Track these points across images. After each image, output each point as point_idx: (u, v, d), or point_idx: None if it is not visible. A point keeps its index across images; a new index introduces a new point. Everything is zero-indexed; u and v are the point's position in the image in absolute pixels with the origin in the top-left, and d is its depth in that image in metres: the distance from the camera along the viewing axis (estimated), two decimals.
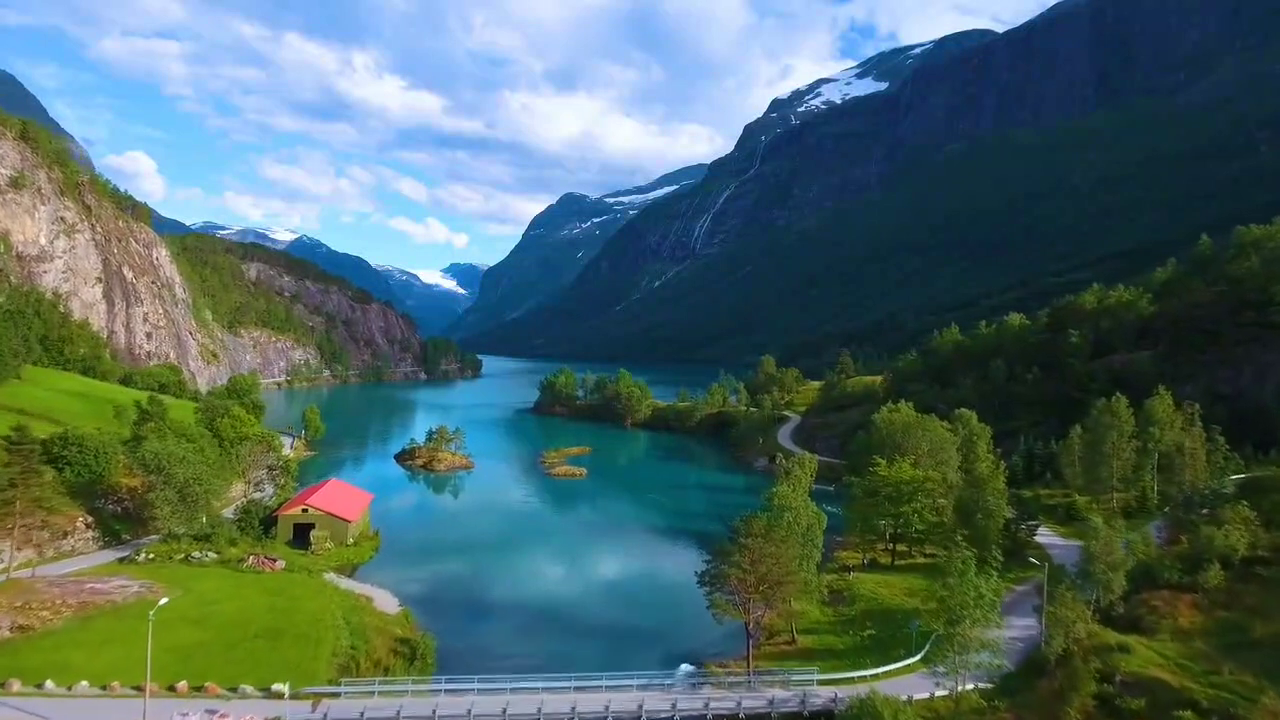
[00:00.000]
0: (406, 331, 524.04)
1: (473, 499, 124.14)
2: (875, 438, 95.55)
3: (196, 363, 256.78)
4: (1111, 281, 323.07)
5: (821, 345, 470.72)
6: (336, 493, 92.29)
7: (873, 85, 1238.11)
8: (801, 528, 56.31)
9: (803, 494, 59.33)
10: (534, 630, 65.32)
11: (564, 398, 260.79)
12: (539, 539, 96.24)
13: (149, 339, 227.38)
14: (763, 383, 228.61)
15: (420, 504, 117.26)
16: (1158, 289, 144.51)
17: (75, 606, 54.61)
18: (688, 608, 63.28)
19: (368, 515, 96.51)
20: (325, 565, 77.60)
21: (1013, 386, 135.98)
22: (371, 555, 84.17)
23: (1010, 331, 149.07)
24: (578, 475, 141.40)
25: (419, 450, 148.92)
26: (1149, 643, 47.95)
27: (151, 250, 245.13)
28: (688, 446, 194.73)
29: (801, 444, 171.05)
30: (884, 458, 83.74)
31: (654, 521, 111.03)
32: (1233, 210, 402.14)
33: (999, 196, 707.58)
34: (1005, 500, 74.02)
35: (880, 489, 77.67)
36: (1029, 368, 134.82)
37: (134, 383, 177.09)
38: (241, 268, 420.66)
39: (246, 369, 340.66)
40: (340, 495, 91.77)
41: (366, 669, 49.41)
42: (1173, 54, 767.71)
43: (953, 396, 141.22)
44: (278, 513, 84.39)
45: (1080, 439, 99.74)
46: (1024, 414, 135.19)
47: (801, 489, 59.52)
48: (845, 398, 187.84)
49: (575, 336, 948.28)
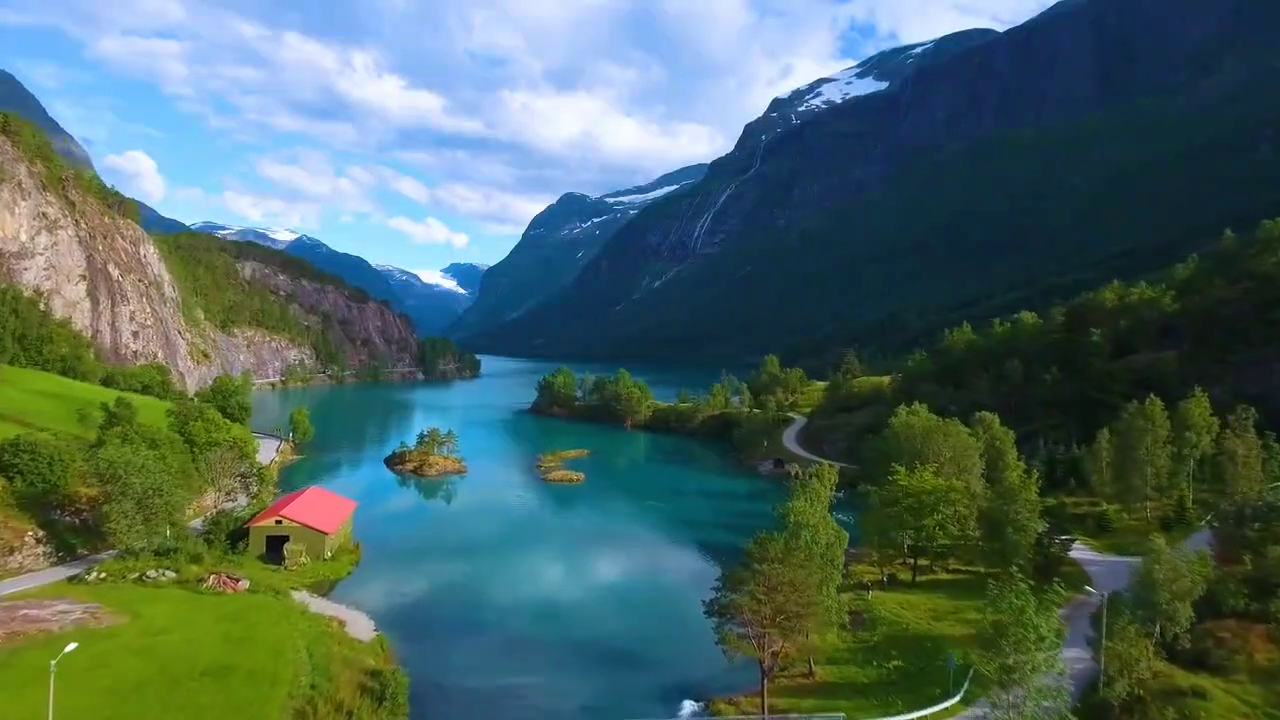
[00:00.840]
0: (404, 331, 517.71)
1: (463, 507, 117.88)
2: (892, 443, 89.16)
3: (186, 363, 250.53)
4: (1117, 280, 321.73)
5: (823, 345, 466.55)
6: (315, 502, 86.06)
7: (873, 85, 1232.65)
8: (821, 547, 50.10)
9: (822, 509, 52.97)
10: (522, 657, 59.11)
11: (562, 398, 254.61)
12: (530, 553, 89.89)
13: (136, 338, 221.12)
14: (766, 383, 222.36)
15: (407, 512, 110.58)
16: (1179, 286, 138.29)
17: (1, 637, 48.42)
18: (691, 630, 57.08)
19: (350, 525, 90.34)
20: (298, 582, 71.44)
21: (1030, 388, 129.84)
22: (350, 571, 77.85)
23: (1026, 330, 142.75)
24: (575, 480, 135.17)
25: (409, 454, 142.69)
26: (1225, 684, 41.84)
27: (139, 247, 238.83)
28: (689, 449, 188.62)
29: (807, 447, 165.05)
30: (903, 465, 77.59)
31: (654, 532, 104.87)
32: (1236, 209, 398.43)
33: (1000, 196, 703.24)
34: (1038, 513, 67.79)
35: (900, 499, 71.48)
36: (1047, 368, 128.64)
37: (116, 383, 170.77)
38: (236, 266, 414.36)
39: (240, 369, 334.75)
40: (319, 505, 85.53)
41: (326, 713, 43.12)
42: (1175, 53, 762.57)
43: (966, 398, 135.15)
44: (249, 524, 78.17)
45: (1109, 443, 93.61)
46: (1042, 416, 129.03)
47: (821, 503, 53.13)
48: (852, 399, 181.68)
49: (575, 336, 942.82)
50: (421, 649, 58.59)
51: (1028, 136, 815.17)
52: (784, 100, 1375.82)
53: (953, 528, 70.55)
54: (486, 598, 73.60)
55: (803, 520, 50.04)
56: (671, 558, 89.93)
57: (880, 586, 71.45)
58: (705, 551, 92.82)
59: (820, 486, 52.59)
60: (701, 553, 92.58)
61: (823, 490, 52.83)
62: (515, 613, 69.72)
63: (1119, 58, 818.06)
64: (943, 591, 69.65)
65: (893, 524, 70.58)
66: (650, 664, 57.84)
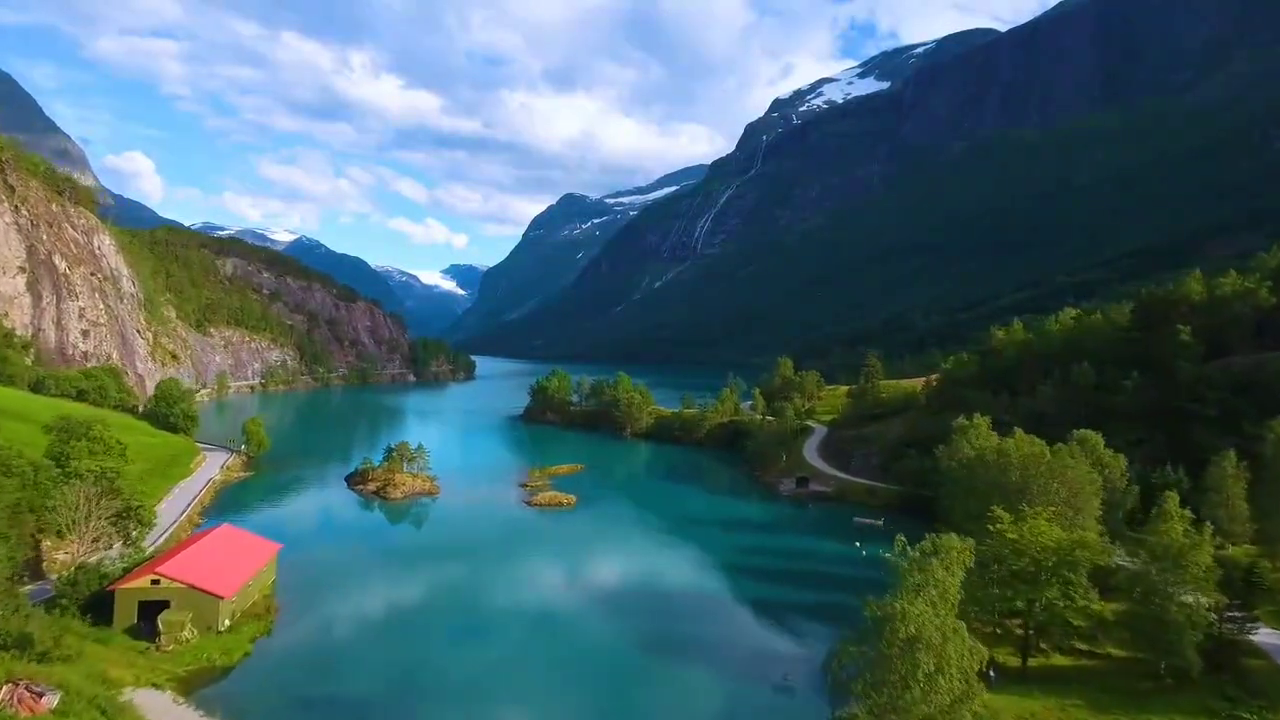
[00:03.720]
0: (395, 331, 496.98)
1: (425, 543, 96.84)
2: (978, 474, 68.50)
3: (147, 365, 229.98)
4: (1129, 281, 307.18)
5: (826, 346, 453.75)
6: (215, 550, 65.66)
7: (875, 85, 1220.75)
8: (953, 682, 30.00)
9: (950, 613, 31.94)
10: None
11: (556, 404, 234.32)
12: (498, 618, 68.02)
13: (85, 337, 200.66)
14: (780, 387, 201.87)
15: (354, 552, 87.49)
16: (1273, 275, 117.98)
17: None
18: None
19: (270, 575, 70.09)
20: (167, 673, 51.11)
21: (1102, 396, 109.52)
22: (248, 650, 57.06)
23: (1095, 328, 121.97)
24: (564, 504, 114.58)
25: (373, 472, 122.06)
26: None
27: (92, 238, 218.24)
28: (696, 462, 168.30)
29: (832, 461, 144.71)
30: (996, 504, 57.37)
31: (658, 581, 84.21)
32: (1247, 208, 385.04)
33: (1005, 196, 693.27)
34: (1214, 582, 47.64)
35: (1008, 558, 51.22)
36: (1126, 372, 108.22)
37: (46, 389, 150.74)
38: (217, 263, 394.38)
39: (215, 371, 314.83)
40: (220, 554, 65.11)
41: None
42: (1181, 51, 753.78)
43: (1024, 407, 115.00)
44: (116, 585, 57.87)
45: (1236, 469, 73.56)
46: (1119, 429, 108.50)
47: (948, 601, 31.97)
48: (880, 406, 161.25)
49: (575, 337, 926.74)
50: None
51: (1031, 136, 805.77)
52: (785, 100, 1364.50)
53: (1085, 600, 50.25)
54: (430, 692, 53.17)
55: (922, 634, 29.71)
56: (680, 623, 69.33)
57: (982, 676, 51.07)
58: (733, 617, 72.72)
59: (945, 574, 32.04)
60: (728, 618, 72.40)
61: (951, 580, 32.16)
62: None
63: (1123, 56, 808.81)
64: (1073, 690, 49.20)
65: (999, 595, 50.28)
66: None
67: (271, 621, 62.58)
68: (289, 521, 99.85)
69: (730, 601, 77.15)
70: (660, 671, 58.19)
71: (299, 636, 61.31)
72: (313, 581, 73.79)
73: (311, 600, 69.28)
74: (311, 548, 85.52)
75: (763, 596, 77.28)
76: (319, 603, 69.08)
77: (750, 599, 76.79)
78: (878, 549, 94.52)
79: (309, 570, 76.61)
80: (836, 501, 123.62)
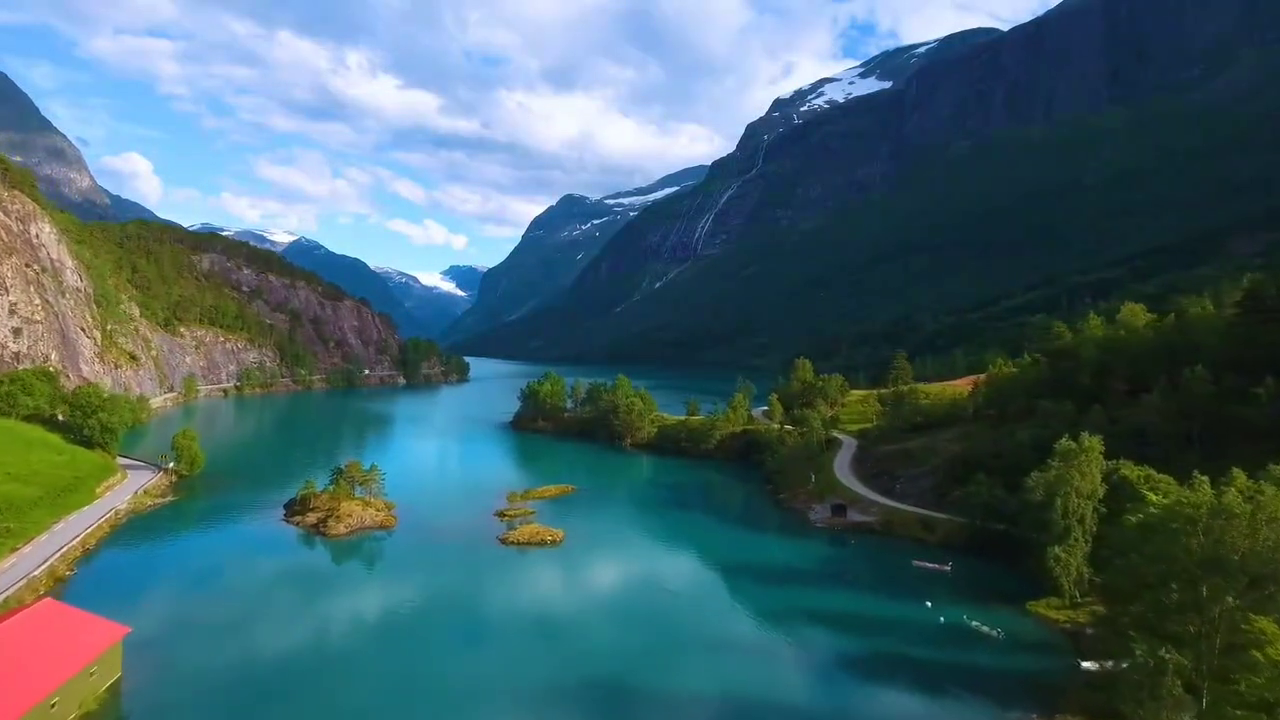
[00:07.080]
0: (384, 332, 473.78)
1: (361, 606, 72.16)
2: (1159, 546, 44.46)
3: (93, 367, 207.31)
4: (1143, 279, 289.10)
5: (831, 348, 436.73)
6: (22, 643, 43.28)
7: (876, 84, 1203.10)
8: None
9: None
10: None
11: (549, 410, 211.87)
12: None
13: (17, 336, 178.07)
14: (799, 393, 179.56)
15: (251, 629, 63.64)
16: None
17: None
18: None
19: (111, 672, 47.81)
20: None
21: (1226, 408, 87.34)
22: None
23: (1207, 324, 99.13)
24: (550, 542, 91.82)
25: (316, 499, 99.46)
26: None
27: (29, 226, 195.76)
28: (706, 480, 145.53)
29: (870, 483, 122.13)
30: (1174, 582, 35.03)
31: (660, 665, 61.95)
32: (1257, 207, 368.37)
33: (1011, 195, 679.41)
34: None
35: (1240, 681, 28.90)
36: (1255, 378, 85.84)
37: None
38: (192, 259, 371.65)
39: (184, 374, 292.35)
40: (22, 653, 42.67)
41: None
42: (1188, 49, 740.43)
43: (1124, 422, 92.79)
44: None
45: None
46: (1246, 451, 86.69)
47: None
48: (920, 415, 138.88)
49: (574, 338, 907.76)
50: None
51: (1038, 135, 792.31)
52: (786, 100, 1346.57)
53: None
54: None
55: None
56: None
57: None
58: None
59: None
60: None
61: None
62: None
63: (1130, 54, 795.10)
64: None
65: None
66: None
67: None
68: (180, 576, 77.26)
69: (767, 706, 54.88)
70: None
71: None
72: (184, 679, 51.30)
73: (166, 714, 46.90)
74: (194, 623, 62.81)
75: (811, 702, 55.05)
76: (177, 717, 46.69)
77: (797, 704, 54.56)
78: (958, 613, 73.04)
79: (183, 662, 54.16)
80: (882, 534, 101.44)
